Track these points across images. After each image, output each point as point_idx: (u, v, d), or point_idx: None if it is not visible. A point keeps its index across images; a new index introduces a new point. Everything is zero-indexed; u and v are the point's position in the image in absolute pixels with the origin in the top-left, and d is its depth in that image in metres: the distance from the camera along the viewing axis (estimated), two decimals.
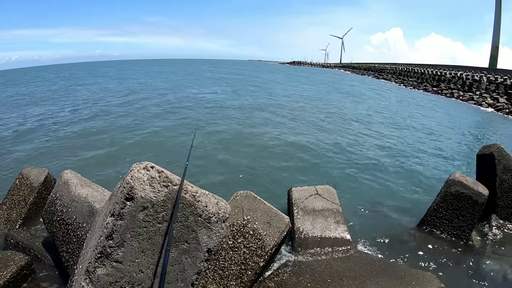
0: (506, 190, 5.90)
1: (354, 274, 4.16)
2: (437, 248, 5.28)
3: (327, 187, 5.71)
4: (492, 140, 15.33)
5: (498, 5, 58.67)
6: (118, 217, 2.23)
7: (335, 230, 5.06)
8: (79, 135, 12.56)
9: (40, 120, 15.69)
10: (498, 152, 5.94)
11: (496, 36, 59.58)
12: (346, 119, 18.10)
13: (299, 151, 11.11)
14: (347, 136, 13.76)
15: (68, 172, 4.61)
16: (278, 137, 12.98)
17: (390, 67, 77.80)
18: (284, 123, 15.97)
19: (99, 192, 4.16)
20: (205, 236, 2.40)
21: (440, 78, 46.39)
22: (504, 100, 28.33)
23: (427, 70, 55.08)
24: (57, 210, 4.28)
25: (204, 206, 2.37)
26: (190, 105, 20.70)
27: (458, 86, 39.31)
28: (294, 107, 21.79)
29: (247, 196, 4.27)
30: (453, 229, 5.47)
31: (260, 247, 3.84)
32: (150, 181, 2.28)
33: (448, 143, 13.87)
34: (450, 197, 5.40)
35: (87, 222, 3.81)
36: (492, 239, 5.66)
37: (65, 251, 4.03)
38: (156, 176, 2.30)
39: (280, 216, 4.12)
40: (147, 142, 11.69)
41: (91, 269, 2.24)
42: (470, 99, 32.54)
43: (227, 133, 13.16)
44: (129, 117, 16.26)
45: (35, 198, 5.93)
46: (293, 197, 5.41)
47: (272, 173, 8.90)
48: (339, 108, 22.43)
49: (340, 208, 5.38)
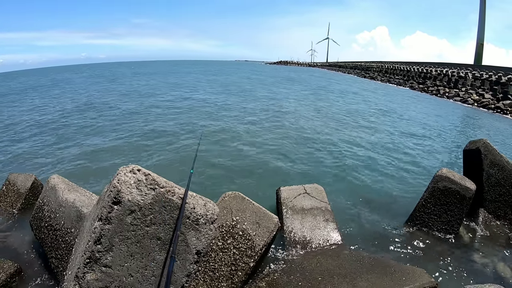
0: (493, 184, 6.01)
1: (345, 272, 4.19)
2: (427, 243, 5.34)
3: (315, 186, 5.74)
4: (478, 135, 15.60)
5: (483, 3, 59.68)
6: (106, 221, 2.22)
7: (325, 229, 5.09)
8: (66, 139, 12.39)
9: (27, 125, 15.45)
10: (484, 147, 6.05)
11: (481, 33, 60.51)
12: (332, 117, 18.19)
13: (287, 150, 11.11)
14: (333, 135, 13.82)
15: (55, 177, 4.56)
16: (264, 136, 12.99)
17: (377, 65, 78.51)
18: (271, 122, 15.99)
19: (87, 197, 4.13)
20: (194, 238, 2.40)
21: (426, 75, 47.00)
22: (490, 96, 28.84)
23: (413, 67, 55.72)
24: (45, 216, 4.24)
25: (192, 208, 2.37)
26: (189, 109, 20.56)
27: (444, 83, 39.88)
28: (280, 105, 21.86)
29: (235, 196, 4.27)
30: (441, 224, 5.54)
31: (250, 247, 3.84)
32: (137, 184, 2.27)
33: (434, 140, 14.05)
34: (438, 192, 5.48)
35: (75, 227, 3.78)
36: (481, 233, 5.76)
37: (54, 257, 3.99)
38: (143, 179, 2.29)
39: (269, 216, 4.13)
40: (134, 145, 11.57)
41: (80, 275, 2.23)
42: (456, 95, 33.02)
43: (214, 134, 13.11)
44: (120, 121, 16.06)
45: (22, 204, 5.86)
46: (282, 197, 5.42)
47: (260, 173, 8.89)
48: (325, 106, 22.56)
49: (329, 206, 5.42)
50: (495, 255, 5.19)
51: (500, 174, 5.96)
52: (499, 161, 5.98)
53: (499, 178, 5.97)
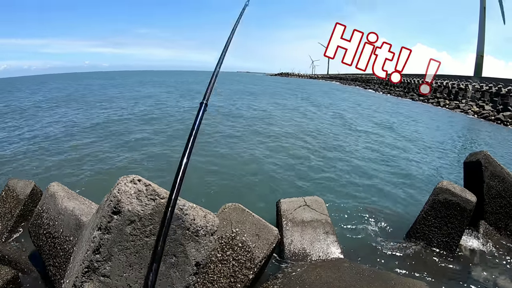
0: (494, 196, 5.98)
1: (345, 285, 4.14)
2: (427, 256, 5.31)
3: (315, 198, 5.71)
4: (479, 147, 15.60)
5: (482, 15, 60.11)
6: (105, 230, 2.21)
7: (324, 241, 5.05)
8: (66, 147, 12.37)
9: (27, 131, 15.47)
10: (485, 159, 6.04)
11: (480, 45, 60.77)
12: (334, 128, 18.22)
13: (287, 162, 11.07)
14: (335, 147, 13.82)
15: (54, 185, 4.55)
16: (265, 148, 12.96)
17: (377, 78, 78.71)
18: (271, 135, 15.94)
19: (86, 205, 4.11)
20: (193, 249, 2.38)
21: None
22: (490, 108, 28.94)
23: (413, 79, 56.01)
24: (43, 223, 4.22)
25: (192, 219, 2.36)
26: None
27: (444, 95, 40.06)
28: (280, 116, 21.89)
29: (235, 208, 4.25)
30: (442, 236, 5.51)
31: (249, 259, 3.81)
32: (137, 195, 2.26)
33: (435, 152, 14.05)
34: (439, 204, 5.45)
35: (74, 235, 3.75)
36: (481, 245, 5.72)
37: (52, 265, 3.96)
38: (143, 189, 2.28)
39: (269, 228, 4.10)
40: (137, 155, 11.55)
41: (78, 284, 2.21)
42: (457, 107, 33.16)
43: (214, 145, 13.08)
44: (122, 130, 16.05)
45: (21, 211, 5.83)
46: (282, 209, 5.38)
47: (260, 185, 8.86)
48: (326, 118, 22.60)
49: (329, 218, 5.38)
50: (496, 268, 5.16)
51: (501, 185, 5.93)
52: (499, 173, 5.96)
53: (500, 189, 5.94)
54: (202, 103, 2.10)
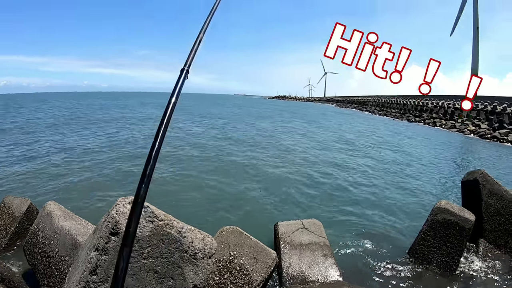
0: (492, 214, 5.97)
1: None
2: (427, 277, 5.25)
3: (313, 221, 5.66)
4: (476, 165, 15.65)
5: (476, 34, 61.36)
6: (103, 252, 2.19)
7: (323, 264, 4.98)
8: (64, 165, 12.29)
9: (25, 149, 15.40)
10: (482, 177, 6.07)
11: (475, 64, 61.72)
12: (330, 150, 18.24)
13: (285, 185, 10.98)
14: (332, 169, 13.78)
15: (51, 204, 4.52)
16: (262, 170, 12.88)
17: (373, 100, 79.95)
18: (269, 156, 15.92)
19: (83, 225, 4.08)
20: (191, 272, 2.35)
21: (422, 108, 47.84)
22: (486, 126, 29.19)
23: (409, 101, 56.76)
24: (39, 242, 4.17)
25: (190, 242, 2.34)
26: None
27: (440, 115, 40.45)
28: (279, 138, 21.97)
29: (233, 231, 4.23)
30: (442, 256, 5.46)
31: (247, 283, 3.77)
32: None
33: (432, 171, 14.05)
34: (437, 224, 5.43)
35: (69, 255, 3.71)
36: (481, 263, 5.67)
37: (46, 284, 3.90)
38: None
39: (267, 251, 4.07)
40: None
41: None
42: (453, 127, 33.39)
43: (212, 166, 13.03)
44: (124, 150, 15.98)
45: (16, 228, 5.77)
46: (280, 232, 5.32)
47: (258, 208, 8.78)
48: (323, 140, 22.68)
49: (327, 241, 5.32)
50: (497, 286, 5.11)
51: (499, 203, 5.94)
52: (497, 191, 5.98)
53: (498, 207, 5.94)
54: (183, 70, 1.94)
